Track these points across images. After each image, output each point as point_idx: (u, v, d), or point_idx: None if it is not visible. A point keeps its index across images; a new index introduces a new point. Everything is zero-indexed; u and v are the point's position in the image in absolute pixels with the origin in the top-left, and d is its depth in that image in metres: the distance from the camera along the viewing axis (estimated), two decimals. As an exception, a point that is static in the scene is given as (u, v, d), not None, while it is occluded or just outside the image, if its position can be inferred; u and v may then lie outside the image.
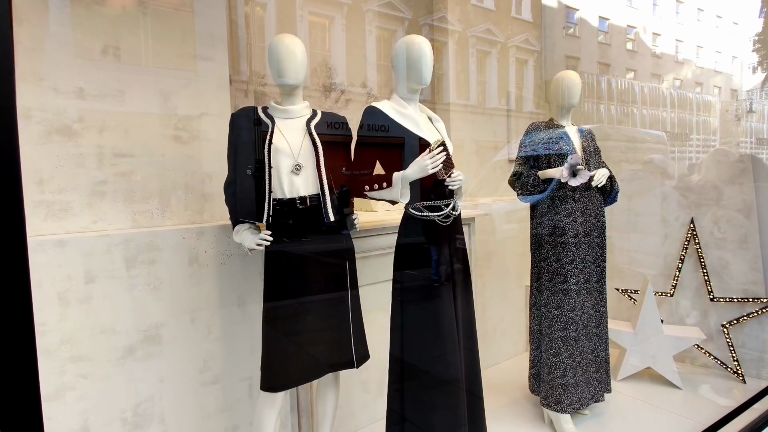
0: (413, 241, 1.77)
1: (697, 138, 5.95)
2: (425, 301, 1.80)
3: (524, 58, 4.00)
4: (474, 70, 3.60)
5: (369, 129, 1.77)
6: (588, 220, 2.45)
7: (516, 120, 3.92)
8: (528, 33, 4.08)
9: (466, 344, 1.94)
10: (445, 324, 1.78)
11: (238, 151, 1.76)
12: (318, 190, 1.71)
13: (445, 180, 1.78)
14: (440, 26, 3.46)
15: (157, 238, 1.85)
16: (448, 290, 1.82)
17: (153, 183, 1.97)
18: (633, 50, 7.02)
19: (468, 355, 1.95)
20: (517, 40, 3.98)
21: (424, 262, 1.77)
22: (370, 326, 2.01)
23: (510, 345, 3.49)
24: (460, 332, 1.87)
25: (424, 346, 1.79)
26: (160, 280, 1.86)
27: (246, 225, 1.77)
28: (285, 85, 1.73)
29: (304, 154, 1.72)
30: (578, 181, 2.31)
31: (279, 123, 1.75)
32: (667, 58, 6.90)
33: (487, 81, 3.70)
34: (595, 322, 2.52)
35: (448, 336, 1.78)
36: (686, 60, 6.65)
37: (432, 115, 1.93)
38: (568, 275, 2.42)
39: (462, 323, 1.89)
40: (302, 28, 2.88)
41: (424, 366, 1.81)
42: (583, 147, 2.50)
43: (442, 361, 1.79)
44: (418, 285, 1.82)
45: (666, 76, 6.88)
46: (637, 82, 6.17)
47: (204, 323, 1.97)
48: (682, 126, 6.00)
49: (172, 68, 2.01)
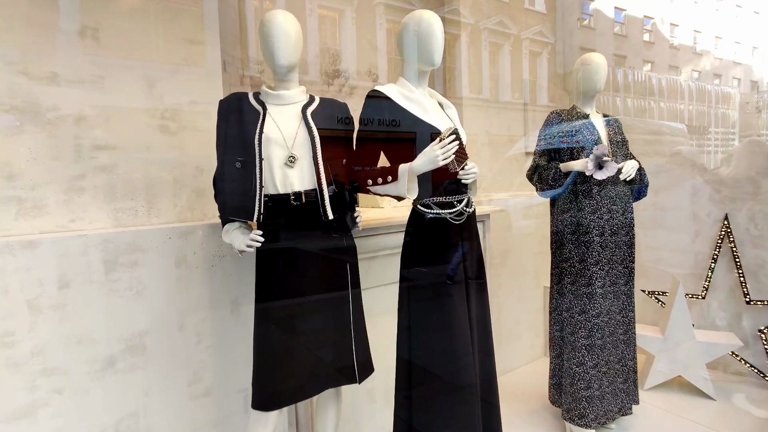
0: (422, 243, 1.58)
1: (715, 131, 5.85)
2: (435, 299, 1.61)
3: (538, 51, 3.93)
4: (487, 63, 3.49)
5: (372, 116, 1.58)
6: (615, 217, 2.23)
7: (530, 113, 3.76)
8: (542, 25, 3.99)
9: (481, 347, 1.75)
10: (456, 323, 1.59)
11: (226, 142, 1.58)
12: (315, 185, 1.53)
13: (458, 173, 1.58)
14: (452, 18, 3.37)
15: (140, 238, 1.68)
16: (460, 288, 1.63)
17: (137, 178, 1.80)
18: (650, 41, 6.84)
19: (483, 358, 1.76)
20: (531, 32, 3.90)
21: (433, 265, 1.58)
22: (376, 331, 1.83)
23: (527, 349, 3.29)
24: (474, 334, 1.68)
25: (433, 347, 1.61)
26: (144, 284, 1.69)
27: (236, 224, 1.60)
28: (277, 67, 1.55)
29: (300, 145, 1.53)
30: (605, 174, 2.09)
31: (271, 110, 1.57)
32: (685, 49, 6.81)
33: (500, 74, 3.63)
34: (622, 328, 2.30)
35: (460, 336, 1.59)
36: (705, 51, 6.55)
37: (443, 100, 1.73)
38: (593, 277, 2.20)
39: (476, 324, 1.70)
40: (312, 22, 2.82)
41: (435, 370, 1.63)
42: (609, 137, 2.28)
43: (453, 364, 1.60)
44: (428, 283, 1.63)
45: (684, 67, 6.78)
46: (655, 74, 6.02)
47: (193, 330, 1.80)
48: (700, 119, 5.90)
49: (158, 52, 1.84)
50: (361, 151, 1.62)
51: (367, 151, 1.60)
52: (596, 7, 6.21)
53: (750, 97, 5.88)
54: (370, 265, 2.17)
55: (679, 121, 5.62)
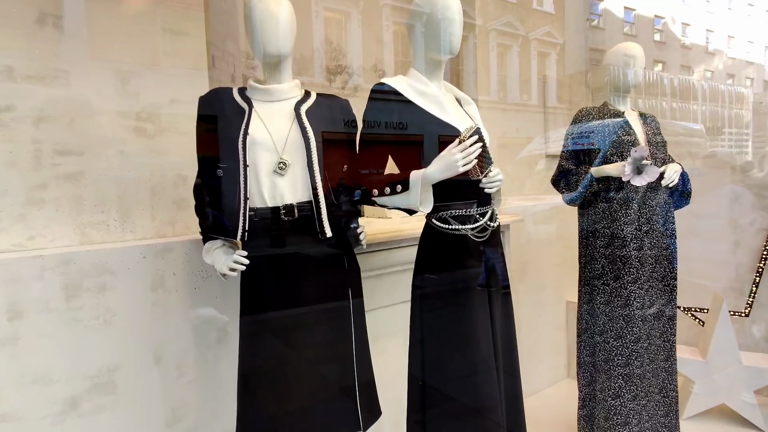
0: (437, 263, 1.32)
1: (729, 131, 5.74)
2: (453, 307, 1.36)
3: (546, 51, 3.89)
4: (495, 64, 3.47)
5: (378, 114, 1.33)
6: (655, 229, 1.97)
7: (540, 114, 3.63)
8: (550, 25, 3.93)
9: (506, 365, 1.49)
10: (477, 336, 1.34)
11: (206, 146, 1.34)
12: (310, 196, 1.28)
13: (480, 180, 1.32)
14: None
15: (108, 257, 1.44)
16: (482, 297, 1.37)
17: (109, 187, 1.57)
18: (661, 41, 6.75)
19: (508, 379, 1.50)
20: (539, 33, 3.83)
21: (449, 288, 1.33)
22: (385, 357, 1.59)
23: (549, 370, 3.01)
24: (498, 349, 1.42)
25: (450, 363, 1.37)
26: (113, 311, 1.45)
27: (218, 242, 1.35)
28: (266, 57, 1.31)
29: (292, 148, 1.29)
30: (644, 180, 1.82)
31: (259, 107, 1.33)
32: (697, 48, 6.73)
33: (509, 75, 3.60)
34: (663, 355, 2.03)
35: (482, 351, 1.34)
36: (717, 50, 6.41)
37: (461, 95, 1.49)
38: (631, 297, 1.93)
39: (501, 339, 1.45)
40: (317, 24, 2.74)
41: (451, 390, 1.37)
42: (647, 137, 2.01)
43: (473, 383, 1.35)
44: (445, 290, 1.38)
45: (696, 67, 6.71)
46: (666, 74, 5.91)
47: (173, 363, 1.56)
48: (713, 119, 5.79)
49: (133, 43, 1.61)
50: (366, 156, 1.37)
51: (372, 156, 1.35)
52: (605, 6, 6.15)
53: (764, 97, 5.71)
54: (376, 284, 1.92)
55: (692, 122, 5.54)
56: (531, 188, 3.25)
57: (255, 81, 1.37)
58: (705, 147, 3.74)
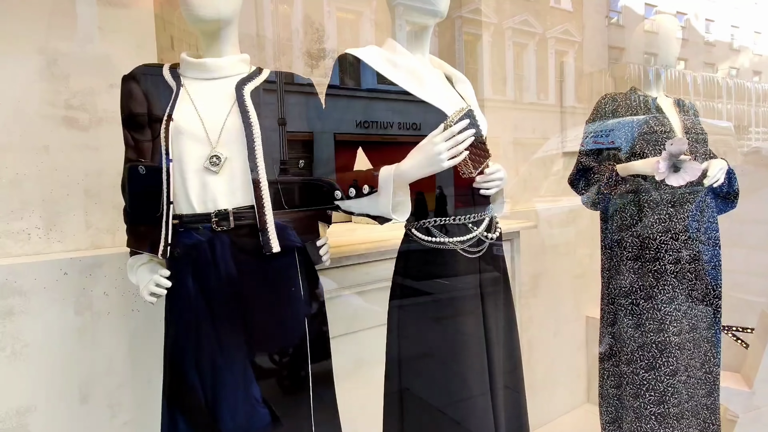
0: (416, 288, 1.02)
1: (756, 130, 5.50)
2: (438, 315, 1.05)
3: (564, 50, 3.84)
4: (511, 63, 3.42)
5: (342, 93, 1.03)
6: (695, 238, 1.63)
7: (554, 115, 3.49)
8: (568, 23, 3.87)
9: (509, 391, 1.17)
10: (467, 349, 1.03)
11: (128, 136, 1.07)
12: (251, 200, 0.99)
13: (474, 179, 1.02)
14: (473, 18, 3.24)
15: (16, 275, 1.18)
16: (474, 303, 1.06)
17: (31, 189, 1.31)
18: (684, 38, 6.63)
19: (510, 398, 1.18)
20: (557, 31, 3.77)
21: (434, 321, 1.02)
22: (369, 388, 1.28)
23: (566, 395, 2.67)
24: (495, 365, 1.11)
25: (434, 382, 1.05)
26: (24, 341, 1.19)
27: (143, 256, 1.08)
28: (198, 22, 1.03)
29: (229, 138, 1.00)
30: (683, 179, 1.49)
31: (191, 86, 1.05)
32: (721, 45, 6.54)
33: (526, 74, 3.54)
34: (705, 390, 1.68)
35: (473, 368, 1.04)
36: (743, 47, 6.13)
37: (453, 72, 1.18)
38: (666, 320, 1.60)
39: (500, 349, 1.14)
40: (330, 24, 2.66)
41: (436, 417, 1.06)
42: (685, 128, 1.67)
43: (463, 407, 1.04)
44: (430, 301, 1.07)
45: (721, 65, 6.49)
46: (689, 72, 5.68)
47: (103, 402, 1.29)
48: (739, 118, 5.56)
49: (61, 15, 1.35)
50: (326, 149, 1.08)
51: (333, 148, 1.05)
52: (625, 4, 5.96)
53: (793, 94, 5.59)
54: (359, 303, 1.63)
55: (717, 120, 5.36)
56: (547, 190, 2.93)
57: (189, 55, 1.09)
58: (734, 145, 3.45)
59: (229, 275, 0.98)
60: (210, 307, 0.98)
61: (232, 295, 0.99)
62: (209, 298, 0.98)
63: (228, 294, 0.98)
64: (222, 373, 0.96)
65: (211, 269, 0.98)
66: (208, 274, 0.98)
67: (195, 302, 0.98)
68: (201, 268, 0.98)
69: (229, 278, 0.98)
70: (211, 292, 0.98)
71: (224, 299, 0.98)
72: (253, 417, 0.98)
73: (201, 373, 0.96)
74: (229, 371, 0.97)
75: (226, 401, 0.96)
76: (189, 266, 0.98)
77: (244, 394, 0.98)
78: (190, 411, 0.98)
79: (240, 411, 0.97)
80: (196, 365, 0.97)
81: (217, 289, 0.98)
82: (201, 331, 0.97)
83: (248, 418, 0.98)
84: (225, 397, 0.96)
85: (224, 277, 0.98)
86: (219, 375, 0.97)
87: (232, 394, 0.96)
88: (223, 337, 0.97)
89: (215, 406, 0.95)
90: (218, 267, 0.98)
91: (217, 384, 0.95)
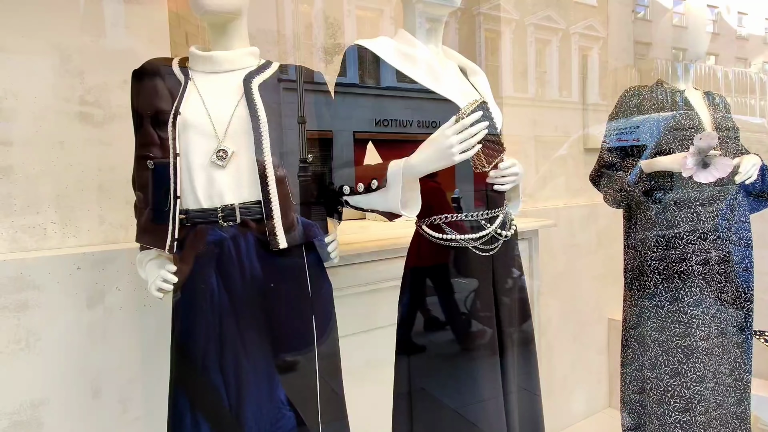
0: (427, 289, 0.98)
1: None
2: (450, 360, 1.02)
3: (588, 45, 3.76)
4: (533, 60, 3.37)
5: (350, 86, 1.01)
6: (724, 237, 1.55)
7: (577, 112, 3.43)
8: (592, 18, 3.79)
9: (524, 393, 1.14)
10: (484, 398, 1.00)
11: (138, 131, 1.06)
12: (258, 195, 0.97)
13: (487, 174, 0.98)
14: (494, 15, 3.20)
15: (31, 269, 1.19)
16: (490, 346, 1.03)
17: (45, 185, 1.32)
18: (714, 32, 6.37)
19: (528, 409, 1.14)
20: (580, 27, 3.67)
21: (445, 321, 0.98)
22: (384, 386, 1.25)
23: (587, 399, 2.60)
24: (508, 370, 1.06)
25: (445, 383, 1.02)
26: (37, 334, 1.20)
27: (152, 252, 1.07)
28: (205, 14, 1.01)
29: (236, 132, 0.99)
30: (712, 176, 1.42)
31: (199, 80, 1.04)
32: (754, 39, 6.29)
33: (548, 71, 3.48)
34: (734, 397, 1.60)
35: (490, 420, 1.00)
36: None
37: (466, 63, 1.14)
38: (693, 324, 1.53)
39: (518, 360, 1.10)
40: (349, 24, 2.68)
41: (445, 417, 1.04)
42: (715, 122, 1.59)
43: (475, 409, 1.00)
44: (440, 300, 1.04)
45: (754, 60, 6.25)
46: (720, 67, 5.47)
47: (115, 396, 1.30)
48: None
49: (76, 12, 1.36)
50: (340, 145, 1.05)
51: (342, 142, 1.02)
52: None
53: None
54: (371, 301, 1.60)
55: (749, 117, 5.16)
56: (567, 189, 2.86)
57: (197, 48, 1.08)
58: (767, 143, 3.32)
59: (235, 272, 0.97)
60: (216, 303, 0.96)
61: (238, 292, 0.97)
62: (214, 295, 0.97)
63: (234, 291, 0.97)
64: (226, 372, 0.95)
65: (217, 265, 0.96)
66: (214, 271, 0.96)
67: (197, 302, 0.97)
68: (207, 263, 0.97)
69: (235, 275, 0.97)
70: (217, 288, 0.97)
71: (230, 296, 0.97)
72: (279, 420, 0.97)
73: (206, 368, 0.95)
74: (239, 369, 0.95)
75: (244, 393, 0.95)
76: (195, 262, 0.97)
77: (259, 392, 0.96)
78: (204, 408, 0.97)
79: (264, 414, 0.96)
80: (202, 361, 0.96)
81: (223, 285, 0.97)
82: (206, 332, 0.96)
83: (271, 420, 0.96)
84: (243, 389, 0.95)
85: (230, 274, 0.97)
86: (226, 372, 0.95)
87: (252, 387, 0.95)
88: (227, 334, 0.95)
89: (220, 395, 0.94)
90: (224, 263, 0.96)
91: (230, 378, 0.95)
